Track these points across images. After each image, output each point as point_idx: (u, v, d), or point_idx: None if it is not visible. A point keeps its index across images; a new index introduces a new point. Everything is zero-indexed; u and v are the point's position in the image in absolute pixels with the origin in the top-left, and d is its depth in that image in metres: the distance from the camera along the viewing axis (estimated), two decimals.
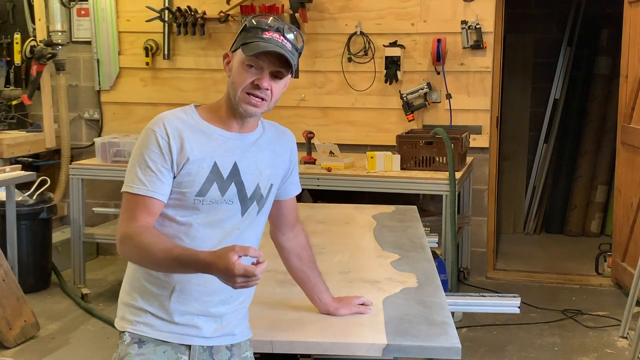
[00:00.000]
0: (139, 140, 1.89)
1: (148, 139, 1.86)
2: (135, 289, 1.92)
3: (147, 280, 1.90)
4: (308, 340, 2.00)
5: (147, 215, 1.83)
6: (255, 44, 1.84)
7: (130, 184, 1.84)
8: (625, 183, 4.96)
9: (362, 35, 5.20)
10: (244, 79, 1.86)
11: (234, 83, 1.88)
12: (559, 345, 4.14)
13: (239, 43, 1.89)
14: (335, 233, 3.26)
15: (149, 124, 1.91)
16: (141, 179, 1.83)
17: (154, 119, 1.90)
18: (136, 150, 1.88)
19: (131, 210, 1.83)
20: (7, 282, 4.08)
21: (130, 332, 1.89)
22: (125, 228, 1.82)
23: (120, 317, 1.94)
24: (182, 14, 5.36)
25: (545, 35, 6.68)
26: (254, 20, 1.89)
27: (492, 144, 5.26)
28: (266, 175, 1.97)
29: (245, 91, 1.87)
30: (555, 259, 5.81)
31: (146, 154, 1.85)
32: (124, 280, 1.99)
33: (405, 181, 4.44)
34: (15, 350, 4.01)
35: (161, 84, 5.61)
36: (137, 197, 1.83)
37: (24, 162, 5.19)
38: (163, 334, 1.88)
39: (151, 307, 1.89)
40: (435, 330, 2.06)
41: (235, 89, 1.88)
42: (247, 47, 1.85)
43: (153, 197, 1.83)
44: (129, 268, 1.96)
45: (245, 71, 1.86)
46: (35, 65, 5.34)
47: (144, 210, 1.83)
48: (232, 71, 1.90)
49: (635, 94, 4.75)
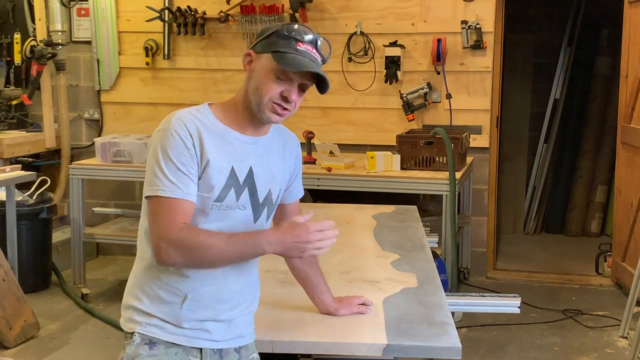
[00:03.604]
0: (159, 141, 1.79)
1: (172, 140, 1.78)
2: (145, 293, 1.87)
3: (158, 286, 1.85)
4: (308, 340, 1.99)
5: (185, 218, 1.77)
6: (291, 58, 1.79)
7: (160, 188, 1.76)
8: (625, 183, 4.96)
9: (362, 35, 5.20)
10: (272, 89, 1.82)
11: (260, 90, 1.82)
12: (559, 345, 4.14)
13: (269, 48, 1.83)
14: None
15: (166, 123, 1.82)
16: (173, 182, 1.75)
17: (172, 119, 1.82)
18: (159, 152, 1.78)
19: (168, 215, 1.75)
20: (7, 282, 4.08)
21: (140, 333, 1.85)
22: (171, 234, 1.74)
23: (127, 318, 1.90)
24: (182, 14, 5.36)
25: (545, 35, 6.68)
26: (289, 28, 1.83)
27: (492, 144, 5.27)
28: (278, 181, 1.97)
29: (272, 100, 1.83)
30: (555, 259, 5.81)
31: (173, 155, 1.76)
32: (130, 283, 1.93)
33: (405, 181, 4.44)
34: (15, 350, 4.01)
35: (161, 84, 5.61)
36: (172, 200, 1.75)
37: (24, 162, 5.19)
38: (174, 337, 1.86)
39: (160, 313, 1.85)
40: (435, 330, 2.06)
41: (261, 97, 1.83)
42: (282, 59, 1.79)
43: (189, 200, 1.77)
44: (138, 272, 1.91)
45: (274, 81, 1.81)
46: (35, 65, 5.33)
47: (182, 213, 1.76)
48: (257, 75, 1.84)
49: (635, 94, 4.75)
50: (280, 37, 1.82)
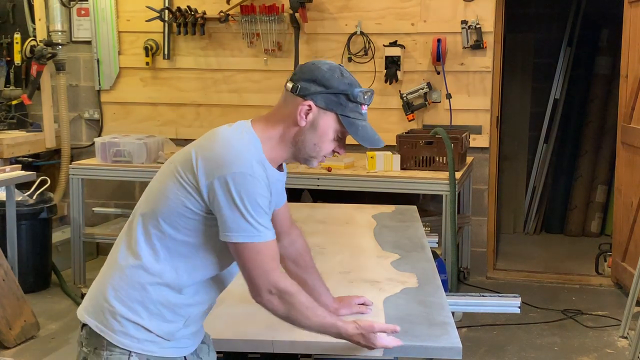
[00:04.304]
0: (241, 186, 1.73)
1: (254, 185, 1.74)
2: (146, 309, 1.80)
3: (165, 306, 1.81)
4: (308, 340, 1.99)
5: (277, 257, 1.83)
6: (362, 128, 1.84)
7: (256, 234, 1.75)
8: (625, 183, 4.96)
9: (362, 35, 5.20)
10: (330, 147, 1.87)
11: (318, 146, 1.85)
12: (559, 345, 4.14)
13: (335, 108, 1.82)
14: (335, 233, 3.26)
15: (240, 166, 1.74)
16: (265, 226, 1.77)
17: (241, 160, 1.75)
18: (244, 197, 1.73)
19: (269, 260, 1.78)
20: (7, 282, 4.08)
21: (137, 353, 1.80)
22: (278, 282, 1.79)
23: (120, 332, 1.80)
24: (182, 13, 5.36)
25: (545, 35, 6.68)
26: (359, 94, 1.83)
27: (492, 144, 5.26)
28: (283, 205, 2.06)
29: (324, 155, 1.89)
30: (555, 259, 5.81)
31: (260, 200, 1.75)
32: (127, 295, 1.81)
33: (405, 181, 4.44)
34: (15, 350, 4.01)
35: (161, 84, 5.61)
36: (267, 244, 1.78)
37: (24, 162, 5.19)
38: (165, 350, 1.84)
39: (158, 330, 1.82)
40: (435, 330, 2.06)
41: (318, 153, 1.86)
42: (352, 127, 1.83)
43: (275, 239, 1.82)
44: (144, 287, 1.80)
45: (333, 140, 1.86)
46: (35, 65, 5.33)
47: (275, 254, 1.81)
48: (318, 132, 1.83)
49: (635, 94, 4.75)
50: (350, 101, 1.83)
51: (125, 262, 1.81)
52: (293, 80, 1.85)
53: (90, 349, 1.85)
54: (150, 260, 1.80)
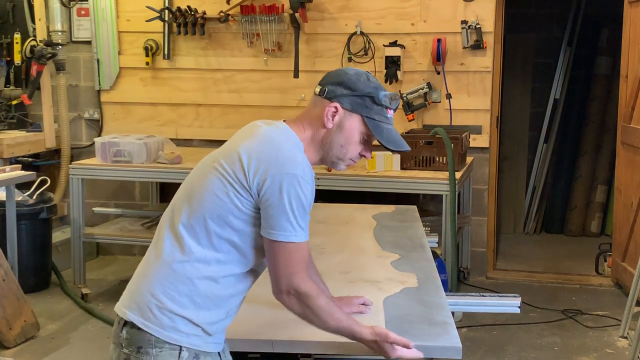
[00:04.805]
0: (294, 187, 1.78)
1: (304, 187, 1.80)
2: (193, 302, 1.83)
3: (211, 300, 1.84)
4: (308, 340, 1.99)
5: (306, 259, 1.88)
6: (387, 131, 1.90)
7: (293, 234, 1.80)
8: (625, 183, 4.96)
9: (362, 35, 5.20)
10: (357, 149, 1.93)
11: (345, 148, 1.91)
12: (559, 345, 4.14)
13: (361, 111, 1.89)
14: (335, 233, 3.26)
15: (294, 168, 1.80)
16: (303, 228, 1.82)
17: (294, 162, 1.82)
18: (293, 198, 1.79)
19: (297, 262, 1.83)
20: (7, 282, 4.08)
21: (187, 348, 1.83)
22: (300, 285, 1.83)
23: (169, 326, 1.81)
24: (182, 13, 5.36)
25: (545, 35, 6.68)
26: (385, 97, 1.89)
27: (492, 144, 5.27)
28: None
29: (351, 158, 1.94)
30: (555, 259, 5.81)
31: (306, 203, 1.82)
32: (176, 290, 1.83)
33: (405, 181, 4.44)
34: (15, 350, 4.01)
35: (161, 84, 5.61)
36: (301, 245, 1.83)
37: (24, 162, 5.19)
38: (208, 345, 1.87)
39: (204, 323, 1.84)
40: (435, 330, 2.06)
41: (345, 154, 1.93)
42: (378, 130, 1.89)
43: (307, 240, 1.86)
44: (192, 281, 1.82)
45: (360, 142, 1.92)
46: (35, 65, 5.34)
47: (305, 256, 1.86)
48: (345, 134, 1.90)
49: (635, 94, 4.75)
50: (375, 104, 1.89)
51: (171, 258, 1.84)
52: (321, 84, 1.93)
53: (133, 348, 1.85)
54: (197, 256, 1.84)
